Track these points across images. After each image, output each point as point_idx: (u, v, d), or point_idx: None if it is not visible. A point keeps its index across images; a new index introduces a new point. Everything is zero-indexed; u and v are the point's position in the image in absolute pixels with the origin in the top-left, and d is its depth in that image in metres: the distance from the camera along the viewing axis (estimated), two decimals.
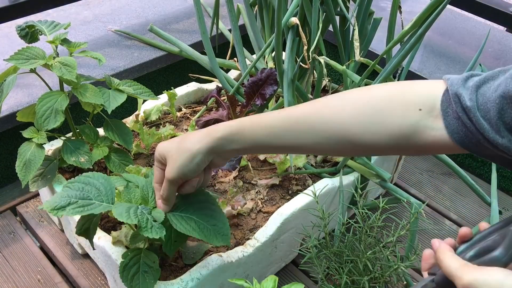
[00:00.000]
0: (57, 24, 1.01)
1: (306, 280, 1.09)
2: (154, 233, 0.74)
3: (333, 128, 0.64)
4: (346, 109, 0.63)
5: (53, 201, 0.74)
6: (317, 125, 0.65)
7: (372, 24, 1.17)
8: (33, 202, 1.24)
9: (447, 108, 0.57)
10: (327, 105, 0.66)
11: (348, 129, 0.63)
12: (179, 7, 1.71)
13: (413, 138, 0.60)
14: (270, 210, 1.02)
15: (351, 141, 0.63)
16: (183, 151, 0.71)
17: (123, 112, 1.40)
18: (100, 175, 0.80)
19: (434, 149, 0.60)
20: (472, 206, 1.34)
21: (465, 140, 0.57)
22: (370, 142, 0.62)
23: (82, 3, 1.68)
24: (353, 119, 0.62)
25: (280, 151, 0.73)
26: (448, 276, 0.51)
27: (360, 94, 0.65)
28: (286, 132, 0.67)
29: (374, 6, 1.17)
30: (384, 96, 0.62)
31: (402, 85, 0.63)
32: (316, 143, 0.66)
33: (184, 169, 0.72)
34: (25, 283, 1.07)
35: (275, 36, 1.03)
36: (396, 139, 0.61)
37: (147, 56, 1.45)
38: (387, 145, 0.62)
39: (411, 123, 0.59)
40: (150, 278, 0.80)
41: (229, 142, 0.70)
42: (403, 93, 0.61)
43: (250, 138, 0.69)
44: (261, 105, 1.12)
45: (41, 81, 1.02)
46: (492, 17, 1.50)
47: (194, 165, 0.71)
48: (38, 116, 0.93)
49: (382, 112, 0.61)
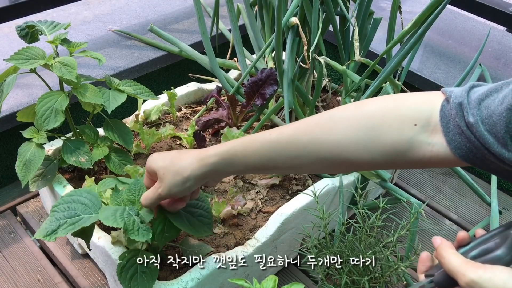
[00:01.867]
0: (57, 24, 1.01)
1: (306, 280, 1.09)
2: (140, 235, 0.75)
3: (326, 148, 0.62)
4: (339, 128, 0.61)
5: (43, 228, 0.75)
6: (310, 146, 0.63)
7: (372, 24, 1.17)
8: (33, 202, 1.24)
9: (447, 123, 0.55)
10: (318, 124, 0.64)
11: (342, 148, 0.61)
12: (179, 7, 1.71)
13: (409, 153, 0.58)
14: (270, 210, 1.02)
15: (346, 160, 0.62)
16: (175, 174, 0.71)
17: (123, 112, 1.40)
18: (83, 190, 0.82)
19: (434, 163, 0.58)
20: (472, 206, 1.34)
21: (470, 156, 0.55)
22: (365, 159, 0.61)
23: (82, 3, 1.68)
24: (347, 138, 0.61)
25: (277, 172, 0.72)
26: (450, 273, 0.50)
27: (352, 111, 0.63)
28: (279, 155, 0.66)
29: (374, 6, 1.17)
30: (377, 112, 0.60)
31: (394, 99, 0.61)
32: (311, 163, 0.65)
33: (174, 190, 0.72)
34: (25, 283, 1.07)
35: (275, 36, 1.03)
36: (392, 155, 0.59)
37: (147, 56, 1.45)
38: (383, 161, 0.60)
39: (407, 139, 0.58)
40: (149, 278, 0.80)
41: (221, 167, 0.70)
42: (397, 108, 0.59)
43: (242, 163, 0.68)
44: (261, 105, 1.12)
45: (41, 81, 1.02)
46: (492, 17, 1.50)
47: (186, 188, 0.72)
48: (38, 116, 0.93)
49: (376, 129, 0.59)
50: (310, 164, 0.65)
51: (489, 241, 0.52)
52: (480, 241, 0.53)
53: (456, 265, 0.49)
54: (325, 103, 1.34)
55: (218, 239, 0.97)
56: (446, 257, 0.51)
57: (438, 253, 0.52)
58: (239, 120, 1.22)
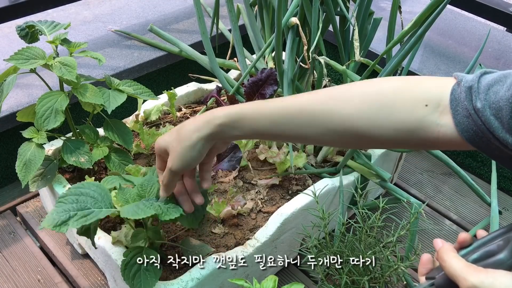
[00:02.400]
0: (57, 24, 1.01)
1: (306, 280, 1.09)
2: (173, 213, 0.75)
3: (338, 120, 0.63)
4: (353, 102, 0.62)
5: (51, 218, 0.74)
6: (322, 116, 0.64)
7: (372, 24, 1.17)
8: (33, 202, 1.24)
9: (456, 106, 0.57)
10: (333, 96, 0.65)
11: (354, 122, 0.62)
12: (179, 7, 1.71)
13: (418, 132, 0.60)
14: (270, 210, 1.02)
15: (356, 134, 0.63)
16: (183, 141, 0.70)
17: (123, 112, 1.40)
18: (91, 183, 0.81)
19: (441, 144, 0.60)
20: (472, 206, 1.34)
21: (476, 139, 0.56)
22: (376, 135, 0.62)
23: (82, 3, 1.68)
24: (360, 112, 0.62)
25: (282, 139, 0.72)
26: (451, 276, 0.49)
27: (367, 87, 0.64)
28: (289, 122, 0.66)
29: (374, 6, 1.17)
30: (391, 90, 0.62)
31: (409, 80, 0.63)
32: (319, 134, 0.65)
33: (186, 158, 0.71)
34: (25, 283, 1.07)
35: (275, 36, 1.03)
36: (402, 133, 0.61)
37: (147, 56, 1.45)
38: (393, 139, 0.62)
39: (417, 118, 0.59)
40: (152, 276, 0.80)
41: (229, 129, 0.69)
42: (411, 89, 0.61)
43: (251, 127, 0.68)
44: None
45: (41, 81, 1.02)
46: (492, 17, 1.50)
47: (196, 152, 0.70)
48: (38, 116, 0.93)
49: (389, 106, 0.61)
50: (319, 135, 0.65)
51: (491, 243, 0.51)
52: (481, 242, 0.52)
53: (457, 269, 0.49)
54: None
55: (218, 239, 0.97)
56: (447, 260, 0.50)
57: (439, 256, 0.52)
58: None
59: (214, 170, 1.03)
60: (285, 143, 1.15)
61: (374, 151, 1.16)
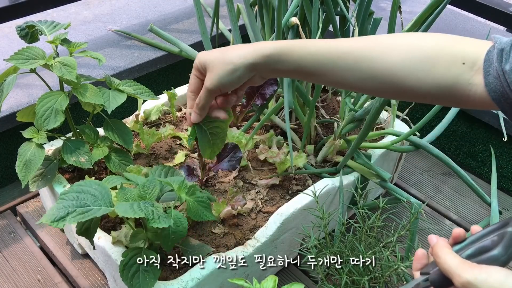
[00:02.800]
0: (57, 24, 1.01)
1: (306, 280, 1.09)
2: (162, 222, 0.76)
3: (380, 68, 0.64)
4: (396, 52, 0.64)
5: (51, 214, 0.74)
6: (365, 62, 0.65)
7: (372, 24, 1.17)
8: (33, 202, 1.24)
9: (489, 66, 0.59)
10: (378, 44, 0.66)
11: (395, 71, 0.64)
12: (179, 7, 1.71)
13: (453, 89, 0.62)
14: (270, 210, 1.02)
15: (395, 83, 0.64)
16: (226, 63, 0.70)
17: (123, 112, 1.40)
18: (93, 182, 0.81)
19: (472, 103, 0.62)
20: (472, 206, 1.34)
21: (501, 100, 0.58)
22: (414, 86, 0.64)
23: (82, 3, 1.68)
24: (403, 62, 0.63)
25: (323, 82, 0.72)
26: (446, 272, 0.49)
27: (412, 40, 0.65)
28: (333, 63, 0.66)
29: (374, 6, 1.17)
30: (434, 46, 0.63)
31: (451, 38, 0.64)
32: (359, 79, 0.66)
33: (224, 80, 0.71)
34: (25, 283, 1.07)
35: (275, 36, 1.03)
36: (438, 88, 0.62)
37: (147, 56, 1.45)
38: (429, 93, 0.63)
39: (454, 75, 0.61)
40: (151, 276, 0.80)
41: (274, 62, 0.69)
42: (452, 46, 0.63)
43: (296, 62, 0.68)
44: (261, 105, 1.12)
45: (41, 81, 1.02)
46: (492, 17, 1.50)
47: (235, 78, 0.70)
48: (38, 116, 0.93)
49: (431, 60, 0.62)
50: (359, 80, 0.66)
51: (485, 239, 0.51)
52: (475, 238, 0.52)
53: (452, 265, 0.49)
54: (325, 103, 1.34)
55: (218, 239, 0.97)
56: (442, 256, 0.50)
57: (434, 252, 0.52)
58: (239, 120, 1.22)
59: (214, 170, 1.03)
60: (285, 143, 1.15)
61: (374, 151, 1.16)
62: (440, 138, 1.51)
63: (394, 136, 1.17)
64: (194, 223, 0.98)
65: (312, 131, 1.21)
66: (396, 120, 1.24)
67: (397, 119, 1.24)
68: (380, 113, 0.98)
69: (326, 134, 1.24)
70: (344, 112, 1.18)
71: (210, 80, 0.72)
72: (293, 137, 1.20)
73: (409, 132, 1.12)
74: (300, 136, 1.22)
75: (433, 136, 1.18)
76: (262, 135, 1.19)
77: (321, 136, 1.22)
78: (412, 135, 1.12)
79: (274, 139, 1.17)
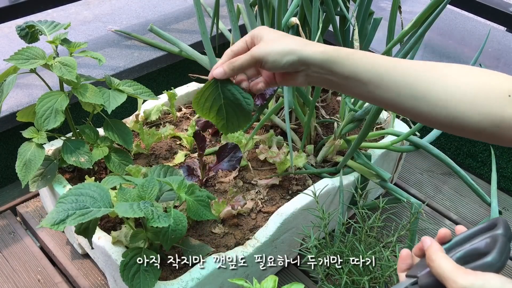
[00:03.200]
0: (57, 24, 1.01)
1: (306, 280, 1.09)
2: (162, 221, 0.76)
3: (436, 92, 0.63)
4: (453, 80, 0.63)
5: (50, 217, 0.75)
6: (422, 82, 0.64)
7: (372, 24, 1.17)
8: (33, 202, 1.24)
9: None
10: (435, 67, 0.66)
11: (451, 97, 0.62)
12: (179, 7, 1.71)
13: (502, 124, 0.59)
14: (270, 210, 1.02)
15: (449, 110, 0.62)
16: (283, 44, 0.68)
17: (123, 112, 1.40)
18: (91, 184, 0.81)
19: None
20: (472, 206, 1.34)
21: None
22: (474, 121, 0.61)
23: (82, 3, 1.68)
24: (463, 98, 0.61)
25: (371, 94, 0.68)
26: (439, 277, 0.48)
27: (472, 79, 0.63)
28: (388, 76, 0.65)
29: (374, 6, 1.17)
30: (485, 82, 0.62)
31: (496, 73, 0.63)
32: (411, 97, 0.64)
33: (271, 57, 0.67)
34: (25, 283, 1.07)
35: None
36: (490, 123, 0.60)
37: (147, 56, 1.45)
38: (482, 131, 0.61)
39: (501, 110, 0.59)
40: (151, 276, 0.80)
41: (331, 62, 0.66)
42: (499, 80, 0.61)
43: (353, 66, 0.65)
44: (261, 105, 1.12)
45: (41, 81, 1.02)
46: (492, 17, 1.50)
47: (284, 61, 0.67)
48: (38, 116, 0.93)
49: (484, 93, 0.61)
50: (410, 99, 0.65)
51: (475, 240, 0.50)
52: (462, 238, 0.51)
53: (446, 270, 0.47)
54: (325, 103, 1.34)
55: (218, 239, 0.97)
56: (436, 260, 0.49)
57: (428, 256, 0.50)
58: None
59: (214, 170, 1.03)
60: (285, 143, 1.15)
61: (374, 151, 1.16)
62: (440, 138, 1.51)
63: (394, 136, 1.17)
64: (194, 223, 0.98)
65: (312, 131, 1.21)
66: (396, 120, 1.24)
67: (397, 119, 1.24)
68: (380, 113, 0.98)
69: (326, 134, 1.24)
70: (344, 112, 1.18)
71: (259, 49, 0.69)
72: (293, 137, 1.20)
73: (409, 132, 1.12)
74: (300, 136, 1.22)
75: (433, 136, 1.18)
76: (262, 135, 1.19)
77: (321, 136, 1.23)
78: (412, 135, 1.12)
79: (274, 139, 1.17)
